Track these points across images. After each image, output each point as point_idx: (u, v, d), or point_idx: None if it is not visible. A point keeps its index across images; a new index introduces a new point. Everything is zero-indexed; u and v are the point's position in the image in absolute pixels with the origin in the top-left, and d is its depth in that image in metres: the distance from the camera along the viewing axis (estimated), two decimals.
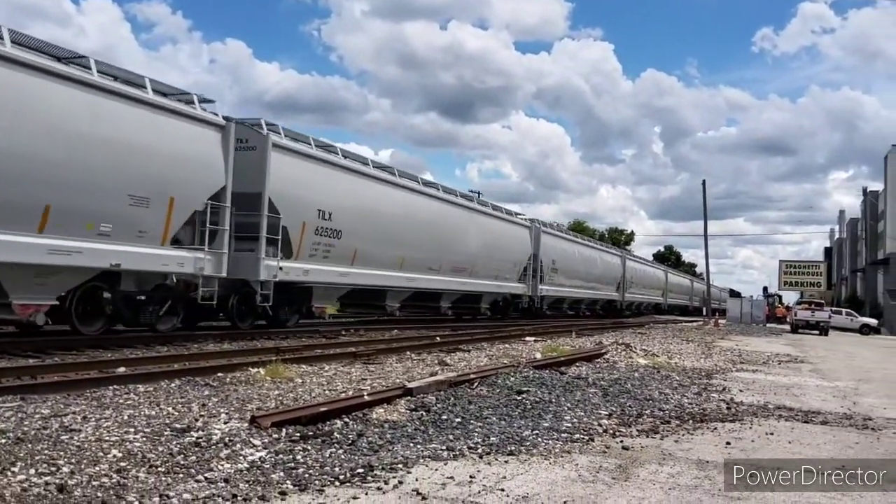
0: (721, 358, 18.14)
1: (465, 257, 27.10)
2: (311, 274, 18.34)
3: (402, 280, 23.10)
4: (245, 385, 9.05)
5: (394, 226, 22.02)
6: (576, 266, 40.25)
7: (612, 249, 53.27)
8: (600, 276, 45.38)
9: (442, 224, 25.47)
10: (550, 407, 8.28)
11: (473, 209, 28.60)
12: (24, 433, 5.69)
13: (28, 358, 10.96)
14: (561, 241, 39.21)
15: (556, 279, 36.89)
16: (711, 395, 10.60)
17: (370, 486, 4.93)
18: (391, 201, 22.22)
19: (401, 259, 22.56)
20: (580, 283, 41.27)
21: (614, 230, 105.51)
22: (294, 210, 17.46)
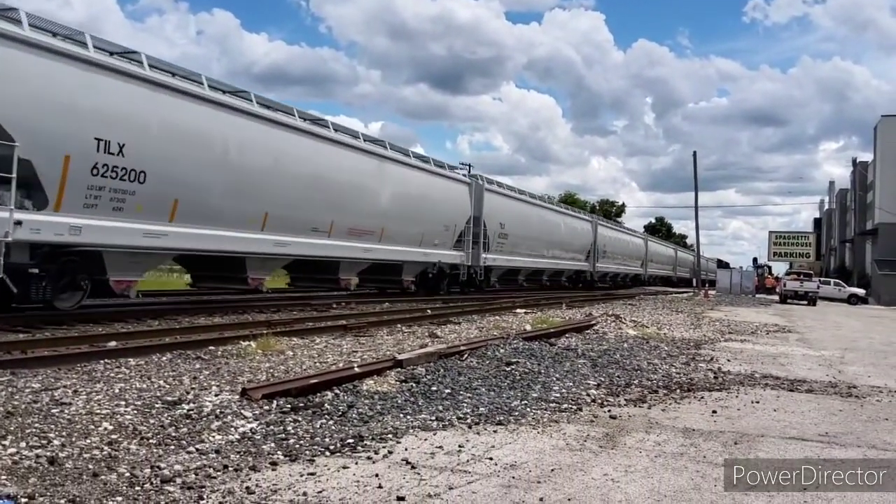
0: (710, 328, 18.30)
1: (373, 218, 21.15)
2: (87, 233, 12.46)
3: (268, 244, 17.08)
4: (236, 358, 9.09)
5: (247, 171, 16.11)
6: (533, 231, 34.07)
7: (580, 214, 46.27)
8: (565, 244, 39.52)
9: (334, 174, 19.36)
10: (539, 378, 8.36)
11: (385, 157, 22.21)
12: (15, 407, 5.72)
13: (18, 333, 10.95)
14: (512, 202, 32.46)
15: (506, 246, 30.91)
16: (699, 364, 10.71)
17: (360, 456, 4.99)
18: (242, 137, 16.07)
19: (263, 217, 16.79)
20: (540, 251, 35.56)
21: (605, 202, 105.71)
22: (46, 137, 11.58)
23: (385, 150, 22.62)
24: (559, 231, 38.94)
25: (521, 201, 34.16)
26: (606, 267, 47.99)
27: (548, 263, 37.54)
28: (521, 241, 32.61)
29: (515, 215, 32.20)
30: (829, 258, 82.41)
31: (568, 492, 4.43)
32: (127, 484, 4.22)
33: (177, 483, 4.27)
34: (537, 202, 37.63)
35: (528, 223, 33.80)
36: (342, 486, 4.35)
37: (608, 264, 48.33)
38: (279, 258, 18.32)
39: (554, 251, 38.07)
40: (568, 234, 40.28)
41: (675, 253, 79.40)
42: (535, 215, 35.43)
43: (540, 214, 36.37)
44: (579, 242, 42.60)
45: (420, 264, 24.90)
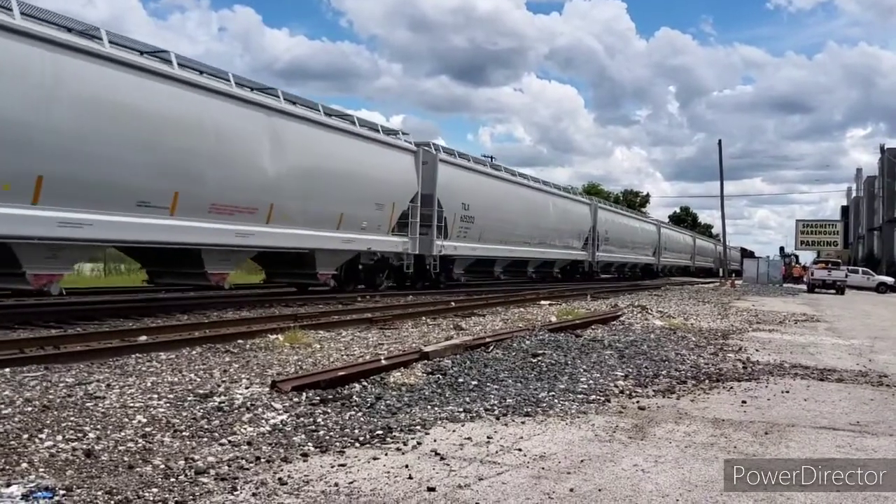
0: (737, 318, 18.15)
1: (253, 192, 15.83)
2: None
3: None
4: (265, 351, 9.17)
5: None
6: (510, 214, 29.63)
7: (576, 196, 42.08)
8: (556, 229, 35.19)
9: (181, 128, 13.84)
10: (566, 369, 8.35)
11: (277, 110, 16.61)
12: (50, 401, 5.82)
13: (51, 328, 11.14)
14: (480, 178, 27.80)
15: (472, 231, 26.30)
16: (727, 354, 10.63)
17: (389, 447, 5.02)
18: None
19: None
20: (521, 238, 30.97)
21: (629, 192, 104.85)
22: None
23: (278, 103, 16.99)
24: (547, 214, 33.76)
25: (492, 177, 28.95)
26: (610, 256, 43.45)
27: (533, 252, 32.50)
28: (493, 226, 27.65)
29: (485, 194, 27.32)
30: (857, 246, 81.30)
31: (598, 482, 4.43)
32: (162, 476, 4.28)
33: (210, 474, 4.32)
34: (516, 179, 31.79)
35: (502, 204, 28.86)
36: (373, 476, 4.39)
37: (612, 253, 43.80)
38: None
39: (541, 238, 33.15)
40: (559, 219, 35.25)
41: (693, 241, 75.57)
42: (513, 195, 30.33)
43: (520, 194, 31.10)
44: (575, 228, 37.89)
45: (341, 253, 19.60)
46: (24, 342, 9.11)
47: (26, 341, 9.20)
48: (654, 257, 56.40)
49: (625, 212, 53.46)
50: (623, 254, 46.82)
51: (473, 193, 26.26)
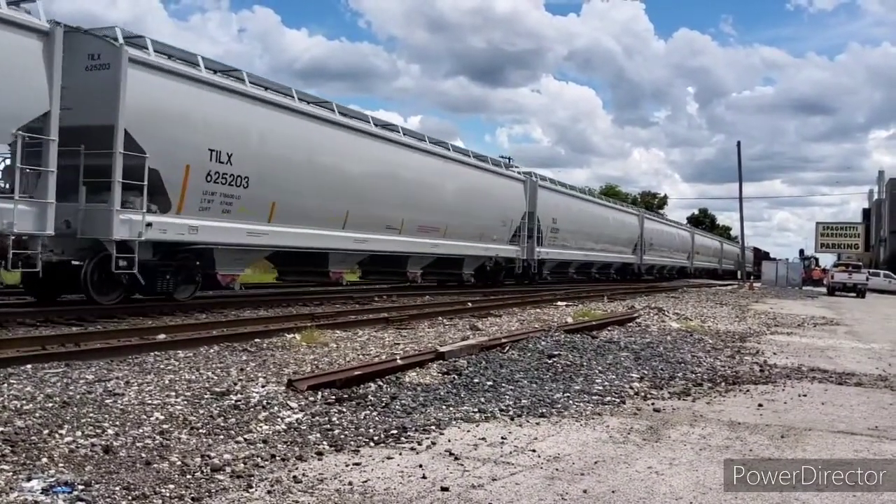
0: (755, 321, 18.02)
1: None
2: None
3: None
4: (281, 350, 9.23)
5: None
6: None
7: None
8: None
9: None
10: (581, 370, 8.35)
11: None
12: (70, 397, 5.90)
13: (71, 326, 11.27)
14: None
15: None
16: (745, 357, 10.58)
17: (404, 447, 5.05)
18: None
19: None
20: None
21: (647, 193, 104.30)
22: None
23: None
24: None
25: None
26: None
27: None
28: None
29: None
30: (879, 249, 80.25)
31: (612, 484, 4.43)
32: (179, 472, 4.34)
33: (226, 472, 4.37)
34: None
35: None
36: (387, 476, 4.41)
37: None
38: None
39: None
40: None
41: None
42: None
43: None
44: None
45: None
46: (45, 339, 9.22)
47: (48, 338, 9.31)
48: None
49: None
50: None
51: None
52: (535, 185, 30.38)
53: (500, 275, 28.51)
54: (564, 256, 33.96)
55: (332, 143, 18.13)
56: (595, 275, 39.74)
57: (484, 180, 26.41)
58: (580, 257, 36.11)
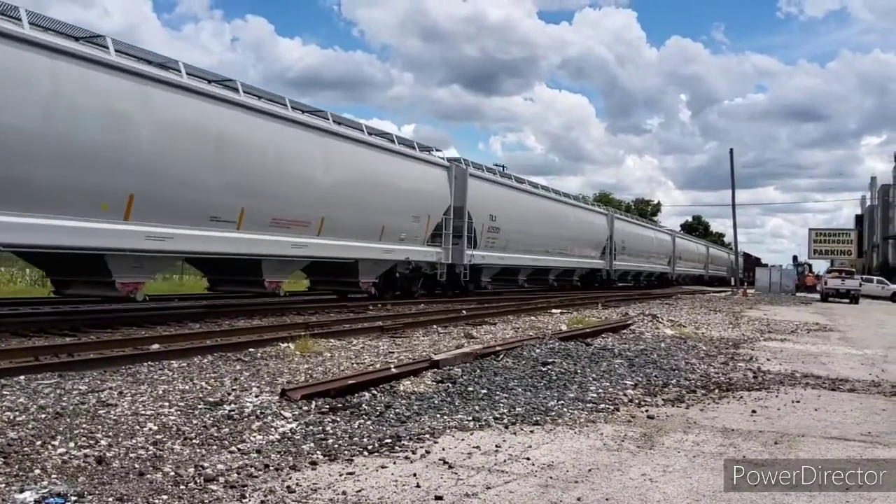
0: (749, 328, 18.07)
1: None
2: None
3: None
4: (275, 359, 9.22)
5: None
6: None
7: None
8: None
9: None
10: (576, 378, 8.35)
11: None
12: (63, 408, 5.89)
13: (65, 336, 11.23)
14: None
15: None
16: (738, 364, 10.60)
17: (398, 456, 5.04)
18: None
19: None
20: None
21: (641, 201, 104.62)
22: None
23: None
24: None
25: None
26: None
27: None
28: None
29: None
30: (872, 255, 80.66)
31: (606, 492, 4.44)
32: (172, 483, 4.32)
33: (220, 482, 4.36)
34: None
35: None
36: (381, 485, 4.41)
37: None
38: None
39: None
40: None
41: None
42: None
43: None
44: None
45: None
46: (39, 350, 9.20)
47: (41, 349, 9.29)
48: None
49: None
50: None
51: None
52: (465, 173, 25.21)
53: (417, 283, 23.58)
54: (508, 261, 28.82)
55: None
56: (553, 282, 35.33)
57: (384, 164, 20.68)
58: (530, 262, 31.30)
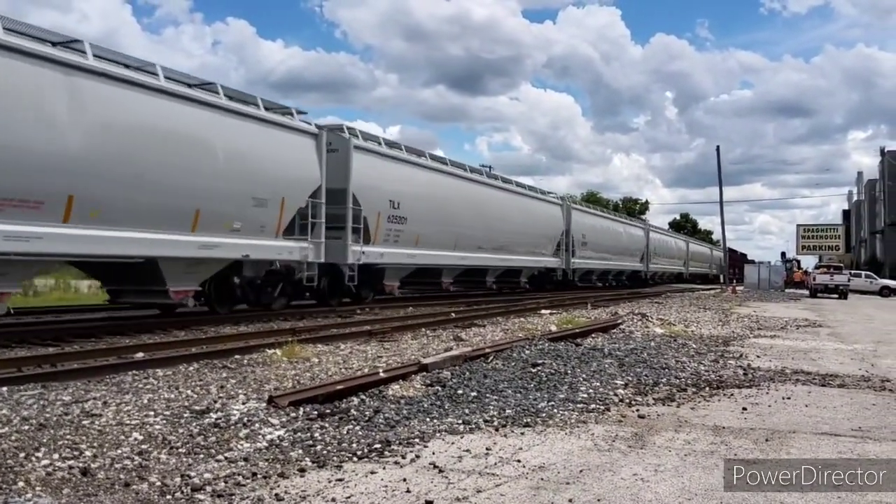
0: (738, 325, 18.10)
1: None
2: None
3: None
4: (262, 366, 9.14)
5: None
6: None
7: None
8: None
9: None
10: (566, 378, 8.31)
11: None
12: (47, 419, 5.79)
13: (48, 346, 11.11)
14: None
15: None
16: (728, 361, 10.60)
17: (388, 461, 4.99)
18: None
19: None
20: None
21: (629, 199, 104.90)
22: None
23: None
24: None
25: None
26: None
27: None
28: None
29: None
30: (860, 250, 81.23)
31: (597, 492, 4.40)
32: (158, 493, 4.26)
33: (207, 491, 4.29)
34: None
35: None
36: (370, 491, 4.35)
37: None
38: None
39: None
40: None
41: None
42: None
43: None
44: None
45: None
46: (21, 360, 9.09)
47: (24, 360, 9.18)
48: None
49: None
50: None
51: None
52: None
53: (275, 291, 20.09)
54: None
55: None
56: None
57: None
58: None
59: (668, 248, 62.44)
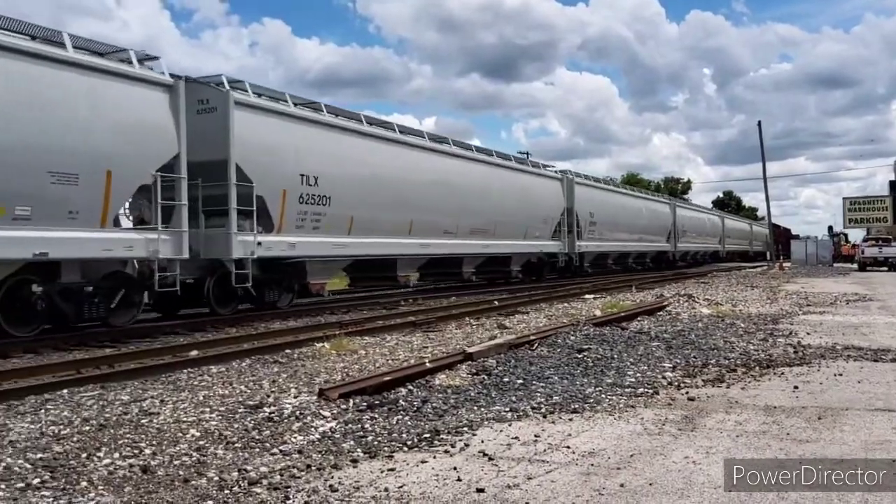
0: (787, 302, 17.80)
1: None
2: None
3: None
4: (312, 360, 9.29)
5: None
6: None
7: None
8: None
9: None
10: (613, 363, 8.30)
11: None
12: (107, 419, 5.99)
13: (105, 348, 11.42)
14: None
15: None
16: (778, 340, 10.45)
17: (437, 450, 5.05)
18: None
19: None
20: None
21: (670, 179, 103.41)
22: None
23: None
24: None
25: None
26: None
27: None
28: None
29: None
30: None
31: (649, 476, 4.40)
32: (217, 487, 4.38)
33: (263, 484, 4.40)
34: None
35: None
36: (422, 480, 4.42)
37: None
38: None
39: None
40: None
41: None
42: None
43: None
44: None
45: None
46: (80, 363, 9.36)
47: (83, 362, 9.45)
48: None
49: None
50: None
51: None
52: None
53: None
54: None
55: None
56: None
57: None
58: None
59: (699, 225, 55.84)
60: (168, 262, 13.18)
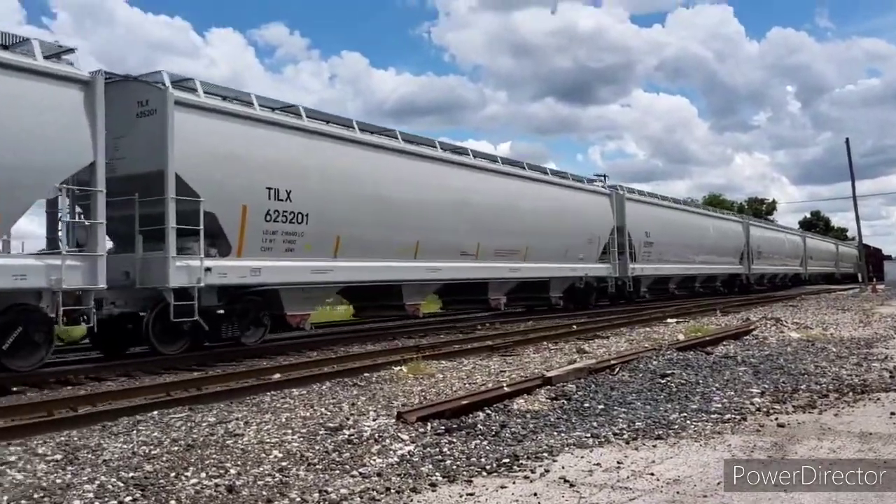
0: (881, 325, 16.96)
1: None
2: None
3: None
4: (390, 383, 9.35)
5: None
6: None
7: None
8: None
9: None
10: (697, 388, 8.07)
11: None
12: (194, 440, 6.16)
13: (193, 371, 11.78)
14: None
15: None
16: (872, 364, 9.96)
17: (517, 475, 4.99)
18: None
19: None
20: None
21: (754, 200, 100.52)
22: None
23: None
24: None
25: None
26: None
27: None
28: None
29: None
30: None
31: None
32: None
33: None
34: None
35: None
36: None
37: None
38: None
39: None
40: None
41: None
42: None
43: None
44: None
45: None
46: (170, 386, 9.68)
47: (172, 385, 9.77)
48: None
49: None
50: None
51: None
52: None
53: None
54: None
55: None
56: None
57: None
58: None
59: (777, 245, 50.53)
60: (83, 293, 10.90)
